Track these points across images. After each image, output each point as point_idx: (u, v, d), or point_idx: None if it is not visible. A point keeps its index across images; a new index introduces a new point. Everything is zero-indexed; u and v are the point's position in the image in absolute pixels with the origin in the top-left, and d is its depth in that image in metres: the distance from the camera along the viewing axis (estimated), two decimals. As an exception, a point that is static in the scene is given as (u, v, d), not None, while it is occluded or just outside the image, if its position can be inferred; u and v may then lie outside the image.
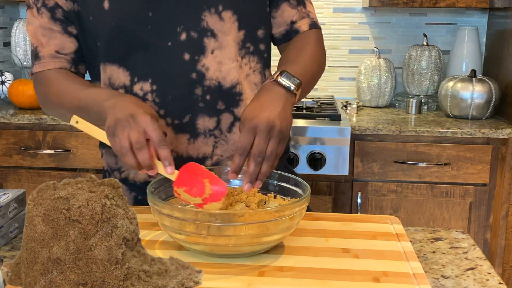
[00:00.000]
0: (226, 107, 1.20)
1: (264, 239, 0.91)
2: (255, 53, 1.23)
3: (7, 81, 2.66)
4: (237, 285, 0.85)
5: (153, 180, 1.01)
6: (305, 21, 1.28)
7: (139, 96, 1.18)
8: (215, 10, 1.16)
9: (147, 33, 1.15)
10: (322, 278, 0.87)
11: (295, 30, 1.27)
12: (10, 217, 1.08)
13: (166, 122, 1.18)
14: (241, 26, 1.19)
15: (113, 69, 1.18)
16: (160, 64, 1.16)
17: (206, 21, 1.16)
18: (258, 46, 1.24)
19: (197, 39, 1.16)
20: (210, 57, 1.17)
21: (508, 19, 2.47)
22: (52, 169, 2.38)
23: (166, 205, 0.92)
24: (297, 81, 1.07)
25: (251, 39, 1.21)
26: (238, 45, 1.19)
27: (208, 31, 1.16)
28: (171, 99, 1.17)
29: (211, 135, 1.20)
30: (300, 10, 1.27)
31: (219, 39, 1.17)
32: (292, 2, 1.26)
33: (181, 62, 1.16)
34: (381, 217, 1.14)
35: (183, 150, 1.20)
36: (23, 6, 2.93)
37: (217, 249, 0.92)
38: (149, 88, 1.17)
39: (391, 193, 2.31)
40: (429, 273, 0.98)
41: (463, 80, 2.40)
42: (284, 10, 1.26)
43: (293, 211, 0.92)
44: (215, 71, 1.17)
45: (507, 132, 2.23)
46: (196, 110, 1.18)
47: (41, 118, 2.33)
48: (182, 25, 1.15)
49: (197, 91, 1.17)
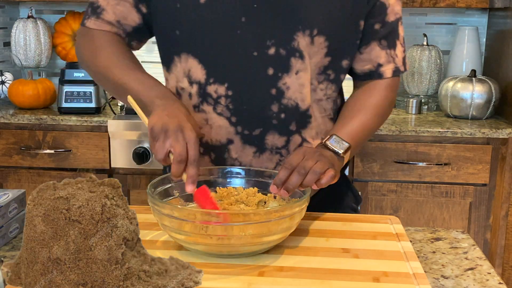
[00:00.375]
0: (297, 128, 1.19)
1: (264, 239, 0.91)
2: (334, 81, 1.21)
3: (7, 81, 2.66)
4: (237, 285, 0.85)
5: (153, 180, 1.01)
6: (390, 66, 1.23)
7: (212, 97, 1.16)
8: (309, 32, 1.13)
9: (235, 38, 1.12)
10: (322, 278, 0.87)
11: (378, 74, 1.23)
12: (10, 217, 1.08)
13: (235, 131, 1.17)
14: (329, 53, 1.16)
15: (193, 63, 1.16)
16: (241, 71, 1.14)
17: (297, 42, 1.13)
18: (339, 75, 1.21)
19: (285, 56, 1.13)
20: (294, 77, 1.15)
21: (508, 19, 2.47)
22: (52, 169, 2.38)
23: (166, 205, 0.92)
24: (345, 145, 1.09)
25: (334, 67, 1.19)
26: (318, 69, 1.17)
27: (297, 51, 1.13)
28: (245, 109, 1.16)
29: (277, 153, 1.20)
30: (389, 53, 1.22)
31: (305, 61, 1.14)
32: (383, 43, 1.21)
33: (263, 75, 1.14)
34: (381, 217, 1.14)
35: (247, 162, 1.20)
36: (23, 6, 2.93)
37: (217, 249, 0.92)
38: (223, 93, 1.15)
39: (391, 193, 2.31)
40: (429, 273, 0.98)
41: (463, 80, 2.40)
42: (373, 49, 1.21)
43: (293, 211, 0.92)
44: (295, 91, 1.16)
45: (507, 132, 2.23)
46: (268, 126, 1.17)
47: (41, 118, 2.33)
48: (274, 39, 1.12)
49: (274, 107, 1.16)
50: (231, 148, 1.19)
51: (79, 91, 2.37)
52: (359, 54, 1.22)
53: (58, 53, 2.83)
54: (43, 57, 2.77)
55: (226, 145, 1.19)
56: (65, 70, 2.40)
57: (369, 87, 1.24)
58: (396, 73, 1.24)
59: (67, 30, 2.80)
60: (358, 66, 1.23)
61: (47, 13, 2.92)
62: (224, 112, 1.16)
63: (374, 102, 1.22)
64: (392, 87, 1.26)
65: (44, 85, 2.47)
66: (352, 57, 1.21)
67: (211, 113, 1.17)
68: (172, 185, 1.05)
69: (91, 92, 2.38)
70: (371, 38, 1.20)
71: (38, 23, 2.73)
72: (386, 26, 1.20)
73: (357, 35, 1.19)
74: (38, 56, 2.75)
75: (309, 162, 0.99)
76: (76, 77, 2.39)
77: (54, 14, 2.91)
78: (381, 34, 1.20)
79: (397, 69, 1.24)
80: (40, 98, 2.45)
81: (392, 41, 1.23)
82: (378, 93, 1.23)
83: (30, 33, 2.71)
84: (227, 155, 1.19)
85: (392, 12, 1.20)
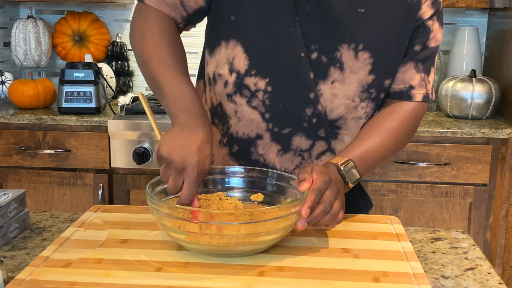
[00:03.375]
0: (325, 136, 1.19)
1: (263, 238, 0.91)
2: (375, 100, 1.20)
3: (7, 81, 2.66)
4: (237, 285, 0.85)
5: (152, 180, 1.01)
6: (422, 91, 1.20)
7: (249, 89, 1.15)
8: (355, 46, 1.12)
9: (285, 34, 1.12)
10: (322, 278, 0.87)
11: (408, 96, 1.20)
12: (10, 217, 1.08)
13: (267, 127, 1.18)
14: (373, 70, 1.15)
15: (239, 52, 1.15)
16: (285, 69, 1.14)
17: (341, 53, 1.13)
18: (380, 94, 1.20)
19: (325, 64, 1.13)
20: (328, 86, 1.15)
21: (508, 19, 2.47)
22: (52, 169, 2.38)
23: (164, 204, 0.92)
24: (357, 177, 1.10)
25: (377, 85, 1.18)
26: (361, 87, 1.16)
27: (338, 62, 1.13)
28: (280, 107, 1.16)
29: (300, 155, 1.20)
30: (423, 77, 1.20)
31: (344, 74, 1.14)
32: (419, 66, 1.19)
33: (306, 77, 1.14)
34: (381, 217, 1.14)
35: (271, 159, 1.20)
36: (23, 6, 2.93)
37: (216, 248, 0.91)
38: (263, 87, 1.15)
39: (391, 193, 2.31)
40: (429, 273, 0.98)
41: (463, 80, 2.40)
42: (409, 69, 1.19)
43: (291, 210, 0.92)
44: (326, 100, 1.16)
45: (507, 132, 2.23)
46: (298, 128, 1.18)
47: (41, 118, 2.33)
48: (318, 45, 1.12)
49: (308, 111, 1.16)
50: (259, 143, 1.19)
51: (79, 91, 2.37)
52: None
53: (58, 53, 2.83)
54: (43, 57, 2.77)
55: (255, 139, 1.19)
56: (65, 70, 2.40)
57: (391, 110, 1.21)
58: (425, 98, 1.21)
59: (67, 30, 2.80)
60: (392, 85, 1.21)
61: (47, 13, 2.92)
62: (259, 107, 1.16)
63: (390, 126, 1.19)
64: (417, 114, 1.22)
65: (44, 85, 2.47)
66: (394, 77, 1.19)
67: (244, 105, 1.17)
68: None
69: (91, 92, 2.38)
70: (409, 58, 1.19)
71: (38, 23, 2.73)
72: (426, 50, 1.19)
73: (401, 55, 1.18)
74: (38, 56, 2.75)
75: (332, 199, 0.99)
76: (76, 77, 2.39)
77: (54, 14, 2.91)
78: (419, 57, 1.19)
79: (427, 95, 1.21)
80: (40, 98, 2.45)
81: (428, 67, 1.21)
82: (397, 117, 1.20)
83: (30, 33, 2.71)
84: (254, 149, 1.20)
85: (434, 38, 1.19)
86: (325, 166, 1.09)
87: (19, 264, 0.97)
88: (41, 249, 1.02)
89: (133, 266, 0.90)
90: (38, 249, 1.03)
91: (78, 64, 2.42)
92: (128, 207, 1.18)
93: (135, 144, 2.29)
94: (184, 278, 0.87)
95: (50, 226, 1.15)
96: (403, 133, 1.21)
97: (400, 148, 1.23)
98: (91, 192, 2.37)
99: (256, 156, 1.20)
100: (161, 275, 0.88)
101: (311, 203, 0.96)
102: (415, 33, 1.17)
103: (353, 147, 1.15)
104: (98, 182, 2.35)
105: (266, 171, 1.10)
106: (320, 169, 1.02)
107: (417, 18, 1.16)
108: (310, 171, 1.01)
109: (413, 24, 1.16)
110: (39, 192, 2.39)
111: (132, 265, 0.91)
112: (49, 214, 1.22)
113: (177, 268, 0.90)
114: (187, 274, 0.88)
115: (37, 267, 0.89)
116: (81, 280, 0.85)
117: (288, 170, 1.21)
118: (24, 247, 1.05)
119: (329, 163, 1.11)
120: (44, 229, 1.13)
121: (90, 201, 2.38)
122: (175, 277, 0.87)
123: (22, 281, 0.84)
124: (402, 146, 1.23)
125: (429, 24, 1.18)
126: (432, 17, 1.18)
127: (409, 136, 1.24)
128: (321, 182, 0.99)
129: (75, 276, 0.86)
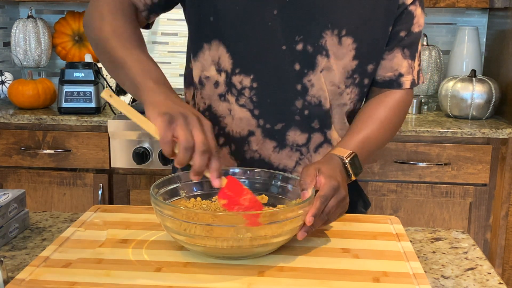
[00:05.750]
0: (320, 127, 1.19)
1: (270, 240, 0.90)
2: (359, 85, 1.20)
3: (7, 81, 2.66)
4: (237, 285, 0.85)
5: (156, 182, 1.01)
6: (409, 78, 1.23)
7: (236, 88, 1.16)
8: (338, 32, 1.12)
9: (265, 30, 1.12)
10: (322, 278, 0.87)
11: (398, 84, 1.22)
12: (10, 217, 1.08)
13: (257, 124, 1.17)
14: (356, 56, 1.15)
15: (222, 52, 1.15)
16: (267, 64, 1.14)
17: (325, 40, 1.13)
18: (364, 79, 1.20)
19: (311, 53, 1.13)
20: (318, 75, 1.14)
21: (508, 19, 2.47)
22: (52, 169, 2.38)
23: (168, 206, 0.91)
24: (359, 170, 1.13)
25: (361, 71, 1.18)
26: (346, 73, 1.16)
27: (324, 50, 1.13)
28: (269, 103, 1.16)
29: (297, 151, 1.19)
30: (410, 63, 1.22)
31: (330, 61, 1.14)
32: (405, 52, 1.21)
33: (290, 70, 1.14)
34: (381, 217, 1.14)
35: (267, 156, 1.20)
36: (23, 6, 2.93)
37: (219, 251, 0.91)
38: (248, 84, 1.15)
39: (391, 193, 2.31)
40: (429, 273, 0.98)
41: (463, 80, 2.40)
42: (396, 56, 1.20)
43: (298, 213, 0.91)
44: (319, 90, 1.16)
45: (507, 132, 2.23)
46: (291, 122, 1.17)
47: (41, 118, 2.33)
48: (302, 35, 1.12)
49: (298, 103, 1.16)
50: (252, 140, 1.19)
51: (79, 91, 2.37)
52: (382, 60, 1.21)
53: (58, 53, 2.83)
54: (43, 57, 2.77)
55: (247, 137, 1.19)
56: (65, 70, 2.40)
57: (381, 99, 1.23)
58: (412, 85, 1.23)
59: (67, 30, 2.80)
60: (380, 73, 1.22)
61: (47, 13, 2.92)
62: (247, 104, 1.16)
63: (383, 115, 1.21)
64: (406, 101, 1.24)
65: (44, 85, 2.47)
66: (377, 62, 1.20)
67: (234, 104, 1.17)
68: (179, 185, 1.05)
69: (91, 92, 2.38)
70: (395, 45, 1.20)
71: (38, 23, 2.73)
72: (410, 36, 1.20)
73: (385, 40, 1.18)
74: (38, 56, 2.75)
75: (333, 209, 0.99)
76: (76, 77, 2.39)
77: (54, 14, 2.91)
78: (405, 43, 1.20)
79: (413, 81, 1.24)
80: (40, 98, 2.45)
81: (413, 53, 1.22)
82: (389, 106, 1.22)
83: (30, 33, 2.71)
84: (247, 147, 1.20)
85: (417, 23, 1.20)
86: (328, 158, 1.09)
87: (19, 264, 0.97)
88: (41, 249, 1.02)
89: (133, 266, 0.90)
90: (38, 249, 1.03)
91: (78, 64, 2.42)
92: (128, 207, 1.18)
93: (135, 144, 2.29)
94: (184, 278, 0.87)
95: (50, 226, 1.15)
96: (396, 121, 1.24)
97: (393, 135, 1.26)
98: (91, 192, 2.37)
99: (251, 153, 1.20)
100: (161, 275, 0.88)
101: (316, 210, 0.95)
102: (398, 19, 1.18)
103: (350, 138, 1.16)
104: (98, 182, 2.35)
105: (271, 173, 1.09)
106: (327, 172, 1.02)
107: (399, 4, 1.17)
108: (315, 174, 1.01)
109: (396, 8, 1.16)
110: (39, 192, 2.39)
111: (132, 265, 0.90)
112: (49, 214, 1.22)
113: (177, 268, 0.90)
114: (187, 274, 0.88)
115: (37, 267, 0.89)
116: (81, 280, 0.85)
117: (287, 167, 1.21)
118: (24, 247, 1.05)
119: (332, 154, 1.11)
120: (44, 229, 1.13)
121: (90, 201, 2.38)
122: (175, 277, 0.87)
123: (22, 281, 0.84)
124: (394, 133, 1.26)
125: (411, 9, 1.18)
126: (414, 2, 1.19)
127: (400, 123, 1.27)
128: (328, 188, 0.99)
129: (75, 276, 0.86)
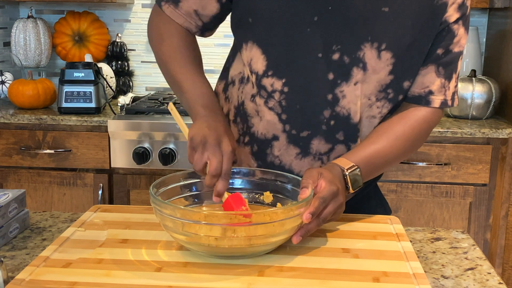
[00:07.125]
0: (344, 139, 1.17)
1: (269, 240, 0.91)
2: (392, 100, 1.17)
3: (7, 81, 2.66)
4: (237, 285, 0.85)
5: (155, 181, 1.01)
6: (440, 97, 1.17)
7: (266, 90, 1.15)
8: (377, 45, 1.10)
9: (303, 35, 1.10)
10: (322, 278, 0.87)
11: (427, 101, 1.17)
12: (10, 217, 1.08)
13: (283, 128, 1.17)
14: (393, 71, 1.13)
15: (256, 53, 1.15)
16: (301, 70, 1.13)
17: (363, 52, 1.10)
18: (398, 95, 1.17)
19: (347, 64, 1.11)
20: (352, 87, 1.13)
21: (508, 19, 2.47)
22: (52, 169, 2.38)
23: (167, 205, 0.92)
24: (358, 185, 1.10)
25: (395, 87, 1.15)
26: (380, 87, 1.14)
27: (361, 62, 1.11)
28: (298, 109, 1.15)
29: (319, 159, 1.18)
30: (443, 83, 1.17)
31: (367, 74, 1.12)
32: (440, 70, 1.16)
33: (323, 78, 1.12)
34: (381, 217, 1.14)
35: (288, 162, 1.19)
36: (23, 6, 2.93)
37: (219, 250, 0.91)
38: (279, 87, 1.14)
39: (391, 193, 2.31)
40: (429, 273, 0.98)
41: (463, 80, 2.40)
42: (429, 73, 1.16)
43: (295, 213, 0.92)
44: (350, 102, 1.14)
45: (507, 132, 2.23)
46: (317, 130, 1.16)
47: (41, 118, 2.33)
48: (340, 45, 1.10)
49: (326, 113, 1.14)
50: (275, 144, 1.18)
51: (79, 91, 2.37)
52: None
53: (58, 53, 2.83)
54: (43, 57, 2.77)
55: (271, 140, 1.18)
56: (65, 70, 2.40)
57: (404, 115, 1.18)
58: (442, 105, 1.18)
59: (67, 30, 2.80)
60: (411, 88, 1.18)
61: (47, 13, 2.92)
62: (275, 107, 1.16)
63: (400, 131, 1.16)
64: (430, 121, 1.19)
65: (44, 85, 2.48)
66: (413, 79, 1.17)
67: (262, 105, 1.17)
68: (178, 184, 1.07)
69: (91, 92, 2.38)
70: (430, 62, 1.16)
71: (38, 23, 2.73)
72: (448, 55, 1.16)
73: (423, 57, 1.15)
74: (38, 56, 2.75)
75: (329, 216, 1.00)
76: (76, 77, 2.39)
77: (54, 14, 2.91)
78: (442, 61, 1.16)
79: (445, 102, 1.18)
80: (40, 98, 2.45)
81: (450, 72, 1.17)
82: (409, 123, 1.17)
83: (30, 33, 2.71)
84: (269, 150, 1.19)
85: (457, 43, 1.16)
86: (330, 166, 1.09)
87: (19, 264, 0.97)
88: (41, 249, 1.02)
89: (133, 266, 0.90)
90: (38, 249, 1.03)
91: (78, 64, 2.42)
92: (128, 207, 1.18)
93: (135, 144, 2.29)
94: (184, 278, 0.87)
95: (50, 226, 1.15)
96: (413, 139, 1.18)
97: (408, 154, 1.21)
98: (91, 192, 2.37)
99: (272, 158, 1.19)
100: (161, 275, 0.88)
101: (314, 209, 0.95)
102: (439, 36, 1.14)
103: (358, 150, 1.13)
104: (98, 182, 2.35)
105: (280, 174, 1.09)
106: (329, 177, 1.02)
107: (442, 21, 1.13)
108: (317, 176, 1.01)
109: (438, 26, 1.13)
110: (39, 192, 2.39)
111: (132, 265, 0.90)
112: (49, 214, 1.22)
113: (177, 268, 0.90)
114: (187, 274, 0.88)
115: (37, 267, 0.89)
116: (81, 280, 0.85)
117: None
118: (24, 247, 1.05)
119: (334, 164, 1.10)
120: (44, 229, 1.13)
121: (90, 201, 2.38)
122: (175, 277, 0.87)
123: (22, 281, 0.84)
124: (410, 152, 1.21)
125: (454, 28, 1.14)
126: (458, 21, 1.14)
127: (420, 142, 1.22)
128: (328, 192, 0.99)
129: (75, 276, 0.86)
